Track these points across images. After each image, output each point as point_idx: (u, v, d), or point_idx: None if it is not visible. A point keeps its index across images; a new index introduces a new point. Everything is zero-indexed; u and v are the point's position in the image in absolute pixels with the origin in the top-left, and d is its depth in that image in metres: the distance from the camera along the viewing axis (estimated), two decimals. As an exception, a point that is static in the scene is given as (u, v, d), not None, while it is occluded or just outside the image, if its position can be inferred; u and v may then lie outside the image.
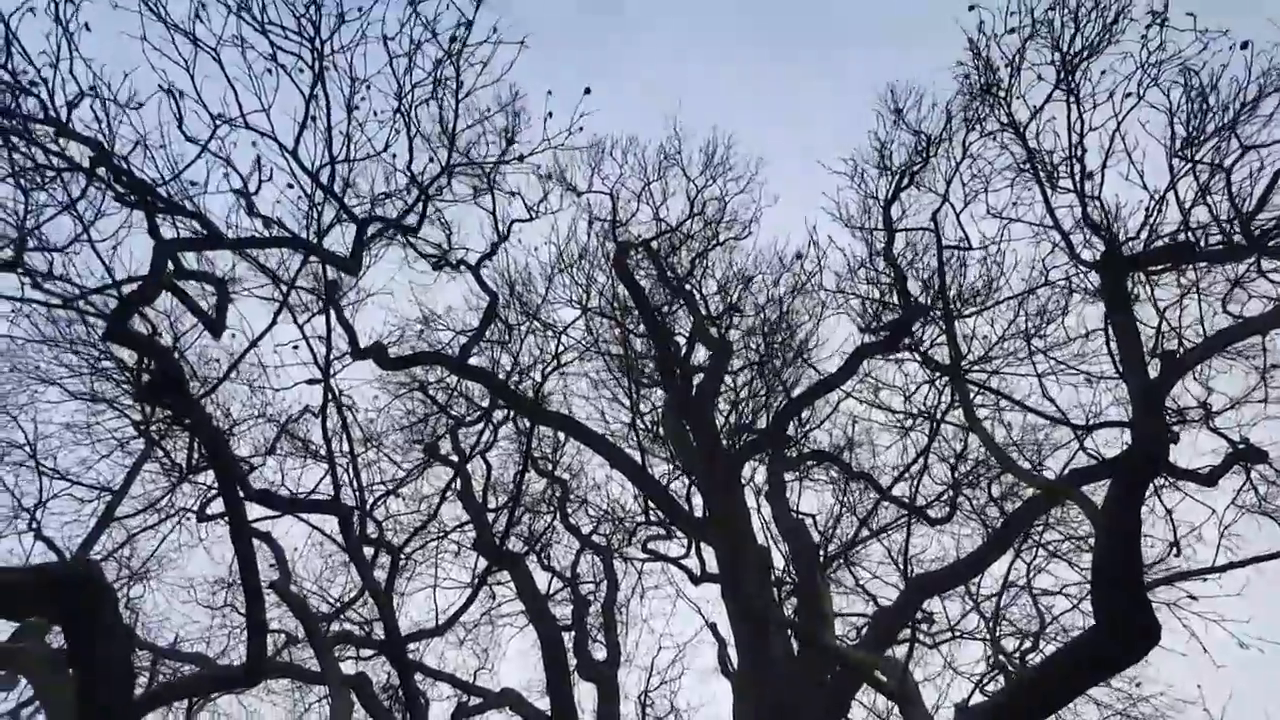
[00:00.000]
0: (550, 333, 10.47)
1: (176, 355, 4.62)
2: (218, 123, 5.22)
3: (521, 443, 12.41)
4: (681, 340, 11.74)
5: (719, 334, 11.72)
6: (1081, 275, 7.27)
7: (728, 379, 11.45)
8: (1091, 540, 10.26)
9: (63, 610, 5.03)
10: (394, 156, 6.38)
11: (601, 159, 10.39)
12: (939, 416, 8.25)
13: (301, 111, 5.53)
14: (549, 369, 9.74)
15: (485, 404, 12.13)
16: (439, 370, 11.66)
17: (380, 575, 7.15)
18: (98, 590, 5.14)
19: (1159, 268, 6.16)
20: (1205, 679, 7.22)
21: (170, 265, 4.73)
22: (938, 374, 8.65)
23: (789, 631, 8.20)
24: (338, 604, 10.73)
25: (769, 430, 10.44)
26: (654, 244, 11.12)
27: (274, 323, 5.62)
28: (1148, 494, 5.22)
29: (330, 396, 6.00)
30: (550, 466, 13.36)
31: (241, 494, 5.26)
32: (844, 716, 7.92)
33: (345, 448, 6.12)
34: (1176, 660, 8.29)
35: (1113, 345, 5.72)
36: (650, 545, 12.04)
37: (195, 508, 9.67)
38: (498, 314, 10.68)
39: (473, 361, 10.29)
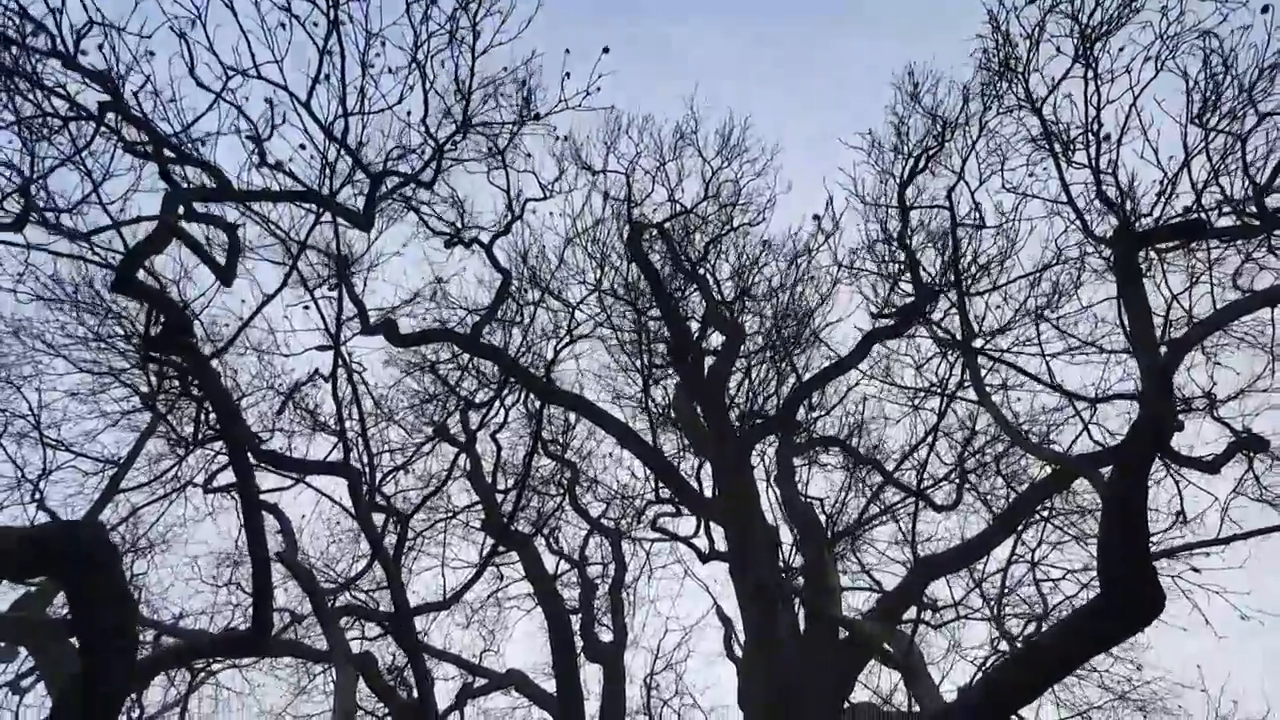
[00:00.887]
0: (564, 309, 10.41)
1: (185, 311, 4.59)
2: (230, 74, 5.19)
3: (532, 424, 12.40)
4: (695, 323, 11.69)
5: (731, 318, 11.66)
6: (1095, 251, 7.20)
7: (740, 361, 11.39)
8: (1096, 521, 10.28)
9: (65, 572, 5.01)
10: (409, 114, 6.35)
11: (617, 137, 10.32)
12: (950, 392, 8.18)
13: (315, 65, 5.49)
14: (562, 344, 9.70)
15: (496, 384, 12.13)
16: (450, 348, 11.65)
17: (389, 547, 7.12)
18: (102, 552, 5.12)
19: (1171, 245, 6.09)
20: (1206, 657, 7.18)
21: (180, 213, 4.70)
22: (949, 349, 8.58)
23: (796, 605, 8.16)
24: (344, 579, 10.73)
25: (779, 413, 10.39)
26: (669, 225, 11.05)
27: (285, 283, 5.59)
28: (1155, 470, 5.14)
29: (341, 361, 5.97)
30: (560, 449, 13.35)
31: (250, 456, 5.23)
32: (849, 694, 7.90)
33: (355, 415, 6.08)
34: (1177, 637, 8.30)
35: (1124, 320, 5.63)
36: (660, 523, 12.01)
37: (201, 481, 9.68)
38: (510, 293, 10.65)
39: (484, 341, 10.27)
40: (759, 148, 10.89)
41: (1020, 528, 8.38)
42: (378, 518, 7.72)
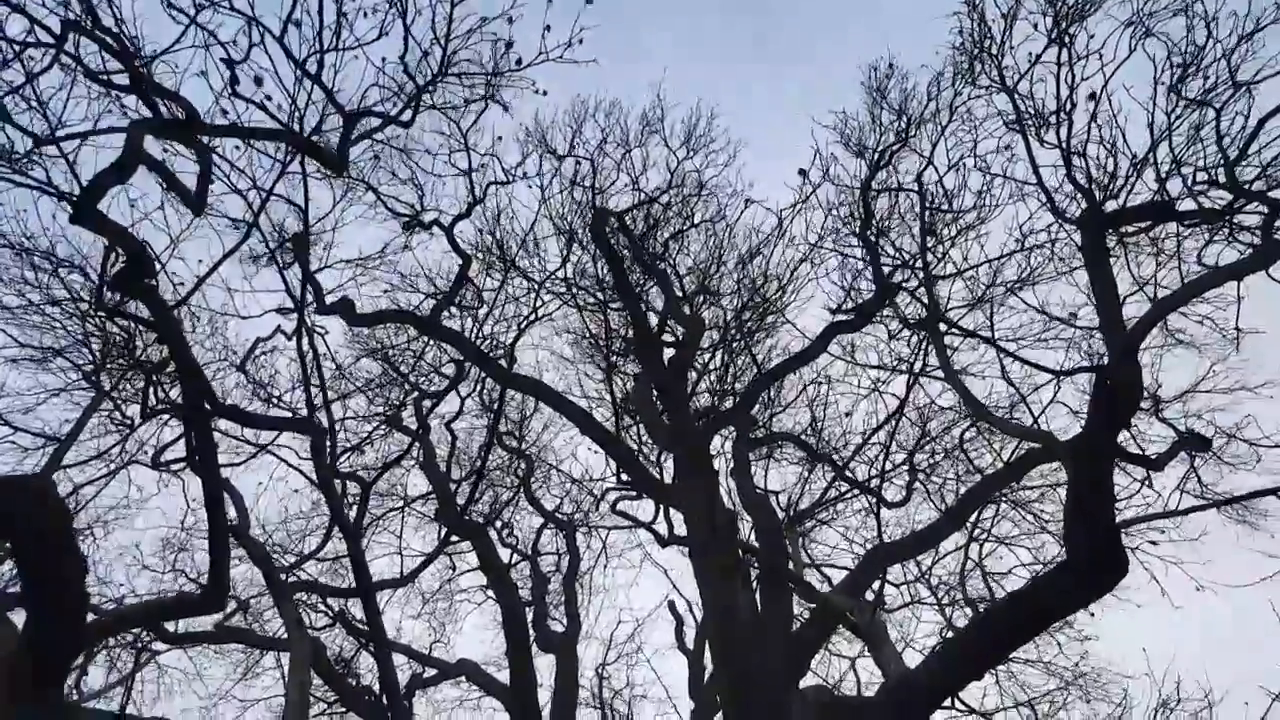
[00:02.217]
0: (529, 287, 10.36)
1: (146, 250, 4.45)
2: (200, 5, 5.04)
3: (488, 417, 12.30)
4: (655, 315, 11.72)
5: (692, 312, 11.71)
6: (1064, 233, 7.40)
7: (701, 354, 11.46)
8: (1048, 511, 10.54)
9: (13, 527, 4.83)
10: (384, 60, 6.26)
11: (583, 121, 10.32)
12: (914, 371, 8.32)
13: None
14: (527, 323, 9.66)
15: (451, 374, 12.02)
16: (406, 334, 11.53)
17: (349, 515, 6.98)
18: (51, 506, 4.96)
19: (1139, 227, 6.28)
20: (1151, 641, 7.39)
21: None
22: (915, 330, 8.73)
23: (755, 587, 8.21)
24: (300, 555, 10.53)
25: (739, 404, 10.44)
26: (632, 215, 11.08)
27: (248, 234, 5.47)
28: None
29: (303, 317, 5.85)
30: (516, 441, 13.27)
31: (208, 408, 5.11)
32: (806, 671, 7.97)
33: (316, 378, 5.94)
34: (1124, 624, 8.56)
35: (1092, 298, 5.79)
36: (620, 506, 12.02)
37: (149, 457, 9.40)
38: (470, 278, 10.57)
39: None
40: (724, 139, 10.97)
41: (973, 518, 8.53)
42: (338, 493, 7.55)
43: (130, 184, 4.78)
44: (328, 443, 5.60)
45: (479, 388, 12.51)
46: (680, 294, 11.81)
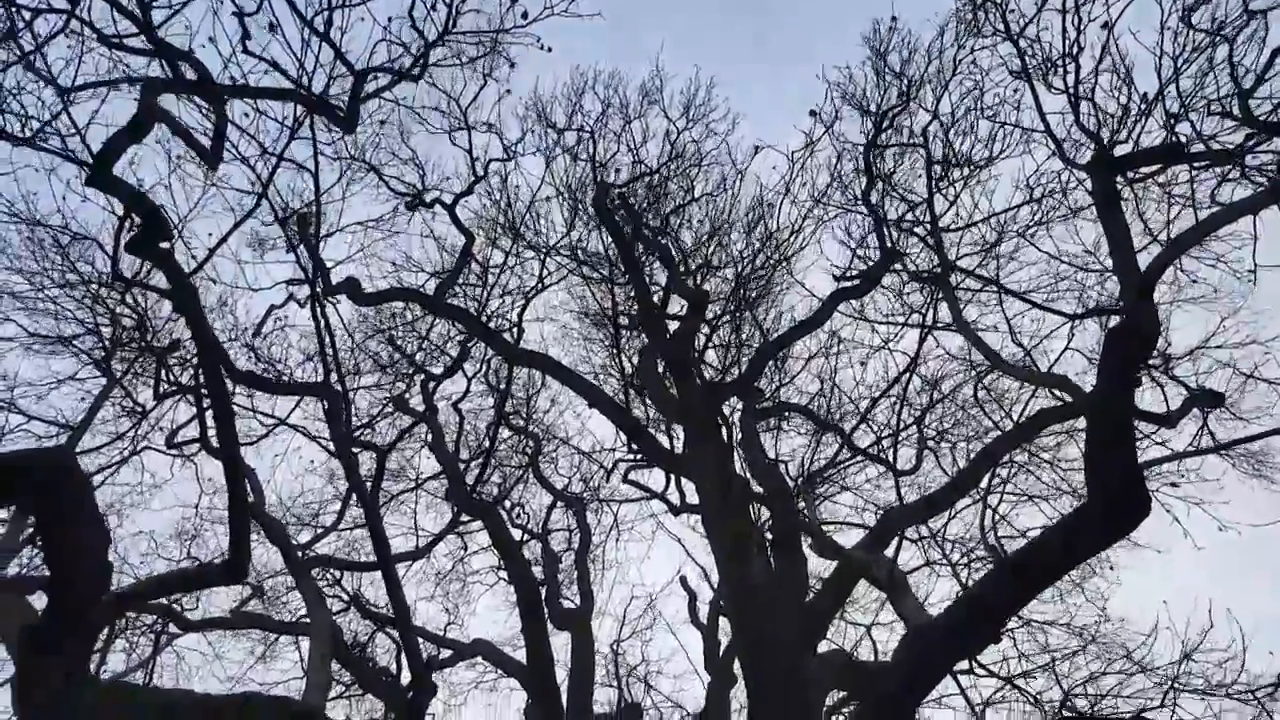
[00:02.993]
0: (535, 254, 10.33)
1: (162, 213, 4.43)
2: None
3: (495, 397, 12.30)
4: (659, 289, 11.69)
5: (695, 285, 11.68)
6: (1074, 180, 7.36)
7: (708, 324, 11.46)
8: (1067, 462, 10.53)
9: (34, 497, 4.83)
10: (389, 20, 6.22)
11: (583, 92, 10.27)
12: (925, 323, 8.30)
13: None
14: (532, 292, 9.64)
15: (456, 355, 12.02)
16: (411, 314, 11.50)
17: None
18: (72, 477, 4.95)
19: (1148, 172, 6.26)
20: (1174, 590, 7.38)
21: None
22: (925, 284, 8.71)
23: (769, 553, 8.22)
24: (318, 529, 10.57)
25: (746, 373, 10.44)
26: (633, 187, 11.03)
27: (259, 202, 5.43)
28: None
29: (316, 280, 5.83)
30: (523, 421, 13.27)
31: (225, 375, 5.09)
32: (822, 636, 8.00)
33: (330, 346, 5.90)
34: (1144, 581, 8.54)
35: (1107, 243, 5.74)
36: (631, 476, 12.05)
37: (162, 442, 9.41)
38: (474, 255, 10.55)
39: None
40: (724, 108, 10.92)
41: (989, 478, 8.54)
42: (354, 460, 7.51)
43: (139, 154, 4.78)
44: (343, 404, 5.58)
45: (484, 368, 12.53)
46: (683, 268, 11.79)
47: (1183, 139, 5.98)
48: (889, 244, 9.90)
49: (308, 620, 11.79)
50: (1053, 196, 7.91)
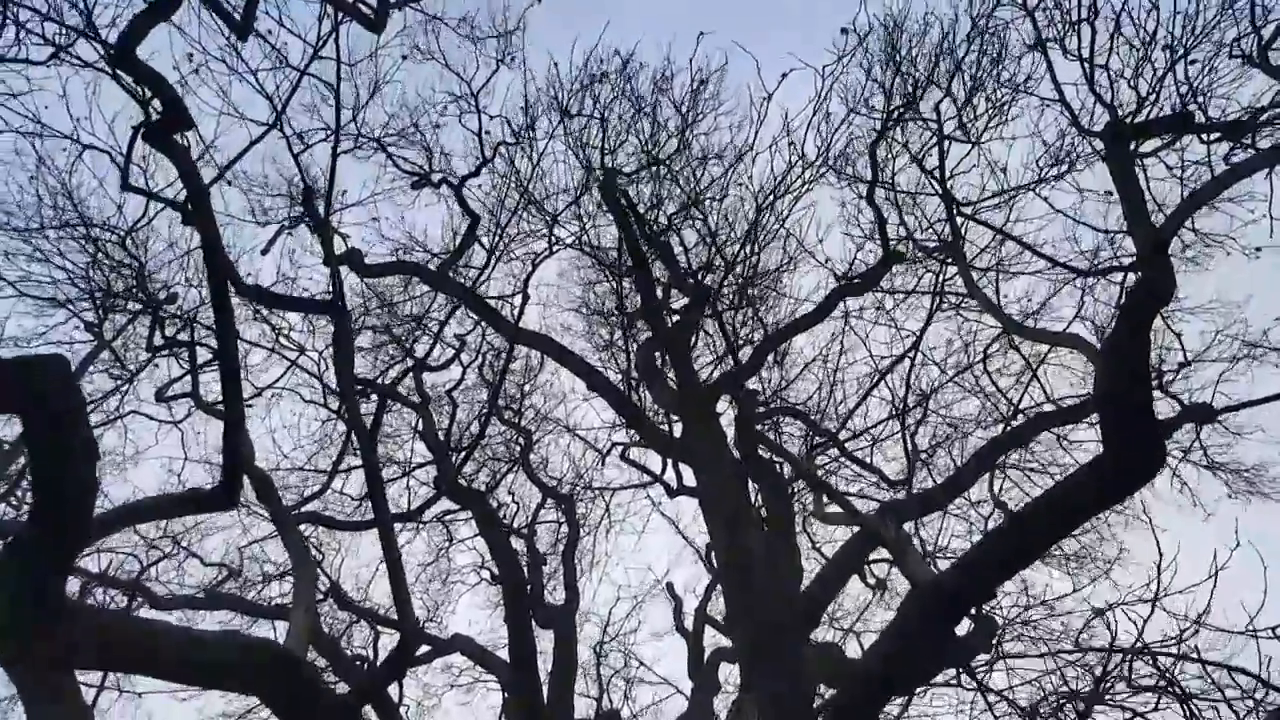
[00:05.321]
0: (544, 221, 10.28)
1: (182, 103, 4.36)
2: None
3: (488, 389, 12.18)
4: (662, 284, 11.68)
5: (696, 282, 11.66)
6: (1087, 144, 7.40)
7: (707, 319, 11.45)
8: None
9: (30, 403, 4.70)
10: None
11: (592, 82, 10.29)
12: (940, 287, 8.28)
13: None
14: (541, 258, 9.61)
15: (456, 347, 11.95)
16: (409, 294, 11.42)
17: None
18: (69, 385, 4.82)
19: (1162, 140, 6.31)
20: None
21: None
22: (937, 258, 8.73)
23: (764, 526, 8.15)
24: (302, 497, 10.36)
25: (746, 364, 10.41)
26: (639, 177, 11.05)
27: (285, 106, 5.39)
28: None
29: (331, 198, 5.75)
30: (516, 416, 13.15)
31: (232, 290, 5.00)
32: (818, 622, 7.89)
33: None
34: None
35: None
36: (629, 455, 11.98)
37: (154, 393, 9.21)
38: (478, 237, 10.52)
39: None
40: (734, 100, 10.96)
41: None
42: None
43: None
44: (350, 331, 5.47)
45: (481, 360, 12.45)
46: (686, 266, 11.78)
47: (1195, 109, 6.04)
48: (890, 247, 9.98)
49: (284, 604, 11.62)
50: (1065, 159, 7.92)
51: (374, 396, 9.88)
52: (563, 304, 12.65)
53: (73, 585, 9.29)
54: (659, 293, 11.37)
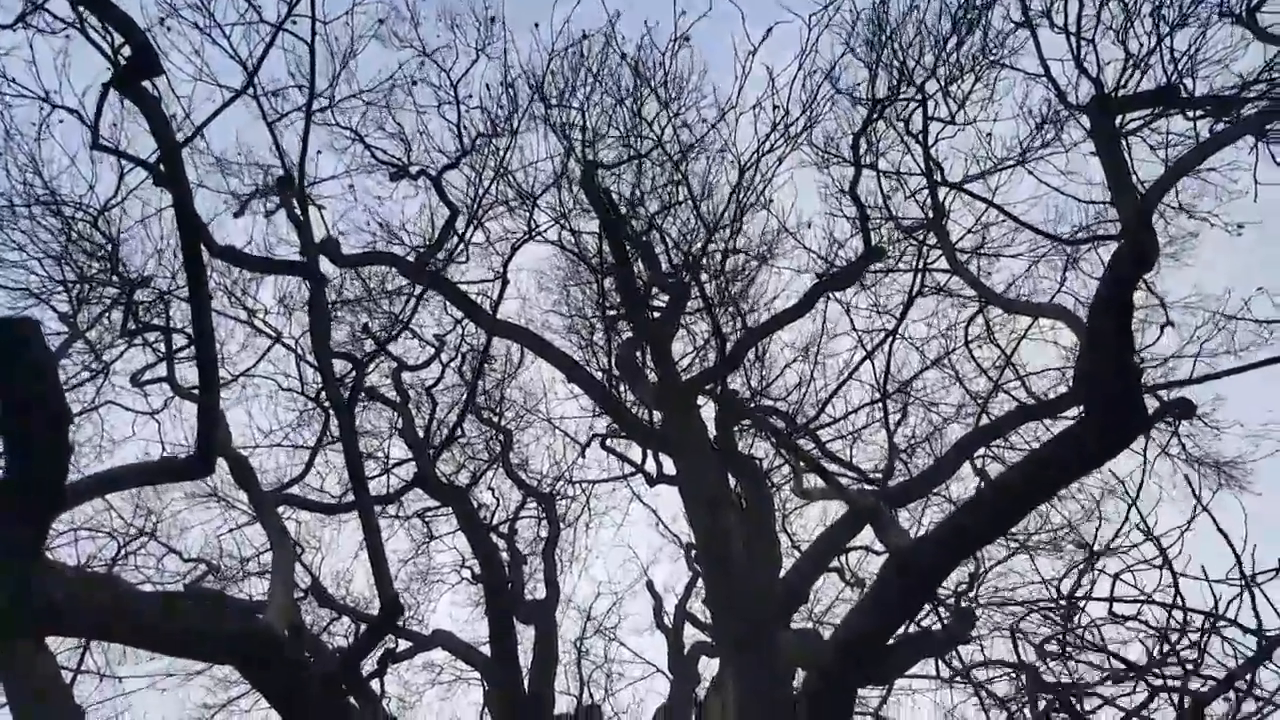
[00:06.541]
0: (523, 204, 10.24)
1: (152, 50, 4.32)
2: None
3: (466, 389, 12.12)
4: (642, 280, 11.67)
5: (677, 280, 11.66)
6: (1072, 117, 7.46)
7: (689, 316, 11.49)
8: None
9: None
10: None
11: (576, 71, 10.27)
12: (922, 264, 8.31)
13: None
14: (520, 241, 9.57)
15: (435, 347, 11.88)
16: (387, 287, 11.35)
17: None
18: (36, 347, 4.76)
19: (1147, 113, 6.39)
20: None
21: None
22: (918, 235, 8.77)
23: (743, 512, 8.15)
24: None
25: (725, 359, 10.41)
26: (621, 170, 11.04)
27: (252, 78, 5.35)
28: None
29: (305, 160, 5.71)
30: (494, 415, 13.10)
31: (205, 251, 4.96)
32: (798, 608, 7.87)
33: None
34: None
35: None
36: (609, 444, 11.96)
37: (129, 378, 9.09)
38: (456, 229, 10.48)
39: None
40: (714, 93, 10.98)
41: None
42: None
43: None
44: (325, 297, 5.42)
45: (460, 360, 12.39)
46: (667, 263, 11.79)
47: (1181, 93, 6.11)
48: (872, 244, 10.05)
49: (261, 599, 11.48)
50: (1048, 130, 7.98)
51: (352, 371, 9.77)
52: (543, 305, 12.61)
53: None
54: (640, 288, 11.38)
